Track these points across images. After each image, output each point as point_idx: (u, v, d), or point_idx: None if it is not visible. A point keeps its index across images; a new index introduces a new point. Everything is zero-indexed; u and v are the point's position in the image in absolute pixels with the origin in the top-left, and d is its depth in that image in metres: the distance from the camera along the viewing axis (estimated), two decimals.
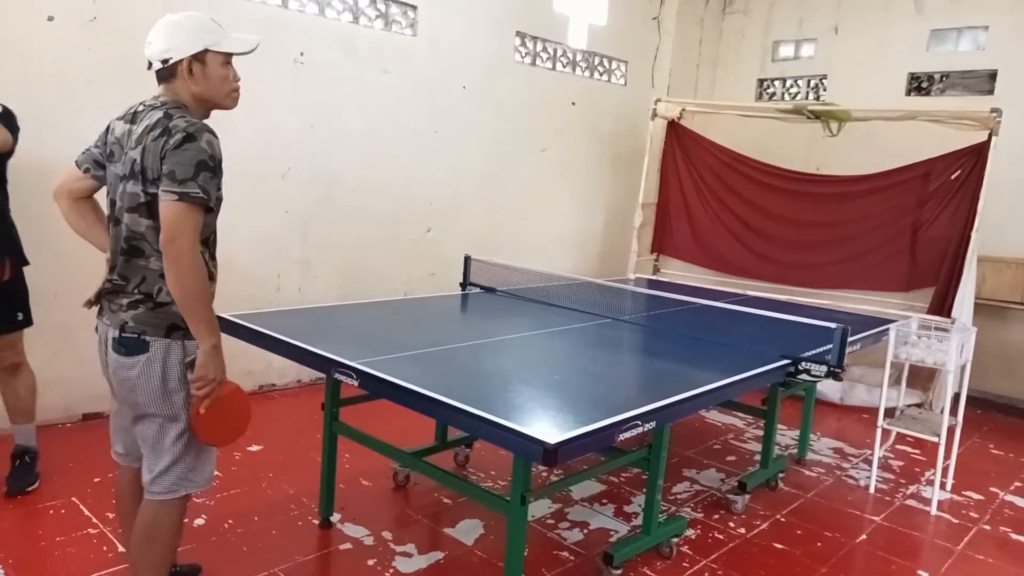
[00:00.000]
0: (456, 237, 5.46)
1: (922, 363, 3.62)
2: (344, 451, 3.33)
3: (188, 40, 2.00)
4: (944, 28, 5.85)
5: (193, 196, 1.85)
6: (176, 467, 2.06)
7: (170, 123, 1.91)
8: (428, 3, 5.06)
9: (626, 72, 6.68)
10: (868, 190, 5.30)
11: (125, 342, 1.97)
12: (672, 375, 2.85)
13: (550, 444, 1.81)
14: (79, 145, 2.27)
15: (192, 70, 2.01)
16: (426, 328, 3.29)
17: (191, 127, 1.90)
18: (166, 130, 1.90)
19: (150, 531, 2.09)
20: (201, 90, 2.03)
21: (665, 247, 6.25)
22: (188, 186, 1.84)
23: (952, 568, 3.05)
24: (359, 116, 4.83)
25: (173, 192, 1.84)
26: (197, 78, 2.02)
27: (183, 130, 1.89)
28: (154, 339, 1.97)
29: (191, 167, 1.85)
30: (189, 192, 1.84)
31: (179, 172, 1.85)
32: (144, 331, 1.97)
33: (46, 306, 3.45)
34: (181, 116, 1.94)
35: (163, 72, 2.03)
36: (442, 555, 2.84)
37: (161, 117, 1.94)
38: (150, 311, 1.98)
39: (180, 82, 2.02)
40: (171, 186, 1.84)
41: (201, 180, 1.86)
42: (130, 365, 1.98)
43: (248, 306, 3.34)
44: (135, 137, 1.97)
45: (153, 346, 1.97)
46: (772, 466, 3.69)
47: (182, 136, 1.87)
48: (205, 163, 1.88)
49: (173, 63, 2.00)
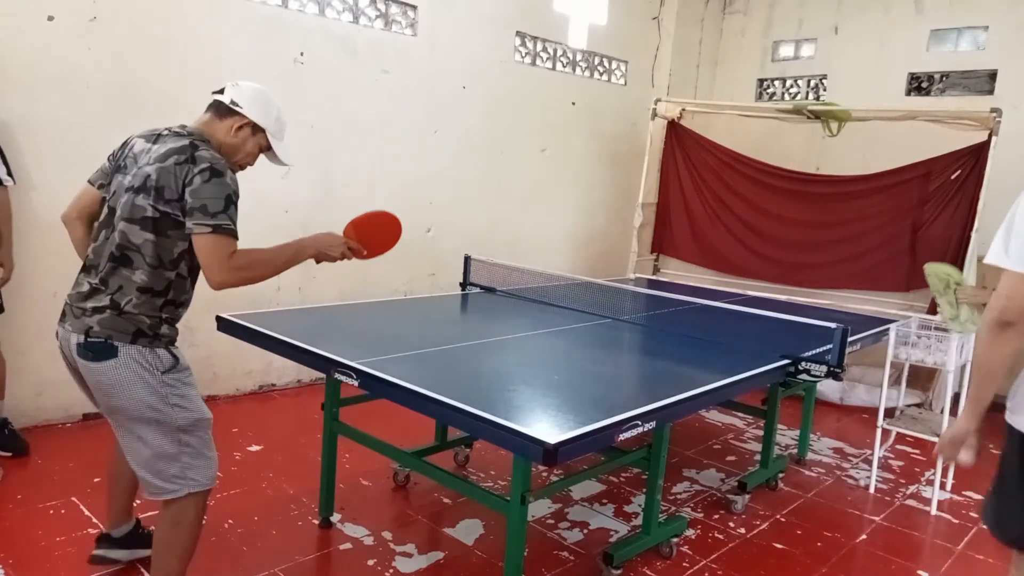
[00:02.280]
0: (456, 237, 5.46)
1: (922, 363, 3.63)
2: (344, 451, 3.33)
3: (264, 114, 2.24)
4: (944, 28, 5.85)
5: (225, 228, 2.01)
6: (168, 467, 2.08)
7: (196, 153, 2.03)
8: (428, 3, 5.05)
9: (626, 72, 6.68)
10: (868, 190, 5.30)
11: (92, 347, 2.00)
12: (672, 375, 2.85)
13: (550, 444, 1.81)
14: (79, 145, 2.29)
15: (241, 129, 2.21)
16: (426, 328, 3.29)
17: (217, 163, 2.04)
18: (191, 159, 2.02)
19: (172, 523, 2.12)
20: (231, 145, 2.22)
21: (665, 247, 6.25)
22: (220, 219, 1.99)
23: (952, 568, 3.05)
24: (359, 116, 4.83)
25: (207, 225, 1.98)
26: (238, 137, 2.22)
27: (210, 165, 2.02)
28: (121, 344, 2.01)
29: (221, 200, 2.00)
30: (221, 224, 2.00)
31: (211, 206, 1.98)
32: (110, 336, 2.01)
33: (45, 306, 3.45)
34: (207, 150, 2.07)
35: (224, 108, 2.20)
36: (442, 555, 2.84)
37: (186, 145, 2.05)
38: (115, 317, 2.02)
39: (225, 126, 2.20)
40: (204, 219, 1.98)
41: (230, 212, 2.03)
42: (101, 371, 2.01)
43: (248, 306, 3.34)
44: (153, 155, 2.05)
45: (122, 351, 2.01)
46: (772, 466, 3.69)
47: (210, 172, 2.01)
48: (231, 197, 2.03)
49: (236, 113, 2.19)
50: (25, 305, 3.57)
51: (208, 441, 2.18)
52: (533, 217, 6.11)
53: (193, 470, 2.12)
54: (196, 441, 2.12)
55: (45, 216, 3.55)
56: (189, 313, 2.22)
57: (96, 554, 2.51)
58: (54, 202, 3.65)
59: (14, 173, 3.39)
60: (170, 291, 2.08)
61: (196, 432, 2.12)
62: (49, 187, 3.60)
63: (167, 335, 2.09)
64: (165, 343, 2.08)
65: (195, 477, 2.12)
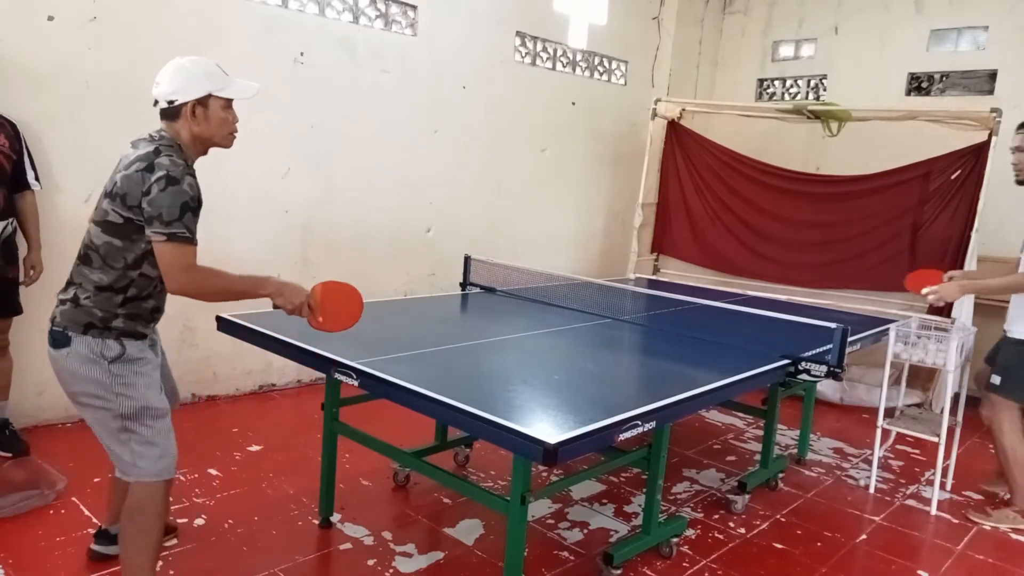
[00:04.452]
0: (456, 237, 5.46)
1: (922, 363, 3.62)
2: (344, 451, 3.33)
3: (194, 85, 2.16)
4: (944, 28, 5.85)
5: (180, 236, 2.03)
6: (122, 453, 2.15)
7: (155, 160, 2.06)
8: (428, 3, 5.05)
9: (626, 72, 6.68)
10: (868, 190, 5.30)
11: (52, 335, 2.13)
12: (672, 375, 2.85)
13: (550, 444, 1.82)
14: (78, 145, 2.29)
15: (195, 112, 2.17)
16: (426, 328, 3.28)
17: (174, 169, 2.05)
18: (150, 167, 2.04)
19: (128, 511, 2.20)
20: (201, 130, 2.20)
21: (665, 247, 6.25)
22: (175, 227, 2.02)
23: (952, 568, 3.05)
24: (359, 116, 4.83)
25: (162, 233, 2.02)
26: (199, 119, 2.18)
27: (166, 173, 2.03)
28: (74, 335, 2.10)
29: (177, 209, 2.02)
30: (176, 232, 2.02)
31: (166, 214, 2.01)
32: (66, 326, 2.12)
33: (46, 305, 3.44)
34: (168, 155, 2.08)
35: (168, 111, 2.18)
36: (442, 555, 2.84)
37: (150, 152, 2.08)
38: (73, 309, 2.12)
39: (183, 122, 2.18)
40: (160, 228, 2.01)
41: (186, 220, 2.04)
42: (55, 358, 2.13)
43: (248, 306, 3.33)
44: (124, 162, 2.14)
45: (74, 340, 2.10)
46: (772, 466, 3.69)
47: (166, 180, 2.02)
48: (188, 204, 2.04)
49: (178, 105, 2.16)
50: (25, 305, 3.57)
51: (160, 431, 2.17)
52: (533, 217, 6.11)
53: (143, 459, 2.14)
54: (144, 430, 2.14)
55: (44, 215, 3.55)
56: (189, 313, 2.23)
57: (94, 549, 2.59)
58: (53, 202, 3.68)
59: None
60: (130, 288, 2.13)
61: (143, 421, 2.14)
62: (48, 187, 3.60)
63: (120, 328, 2.13)
64: (116, 335, 2.12)
65: (142, 466, 2.14)
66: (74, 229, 2.37)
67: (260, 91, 2.29)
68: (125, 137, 2.25)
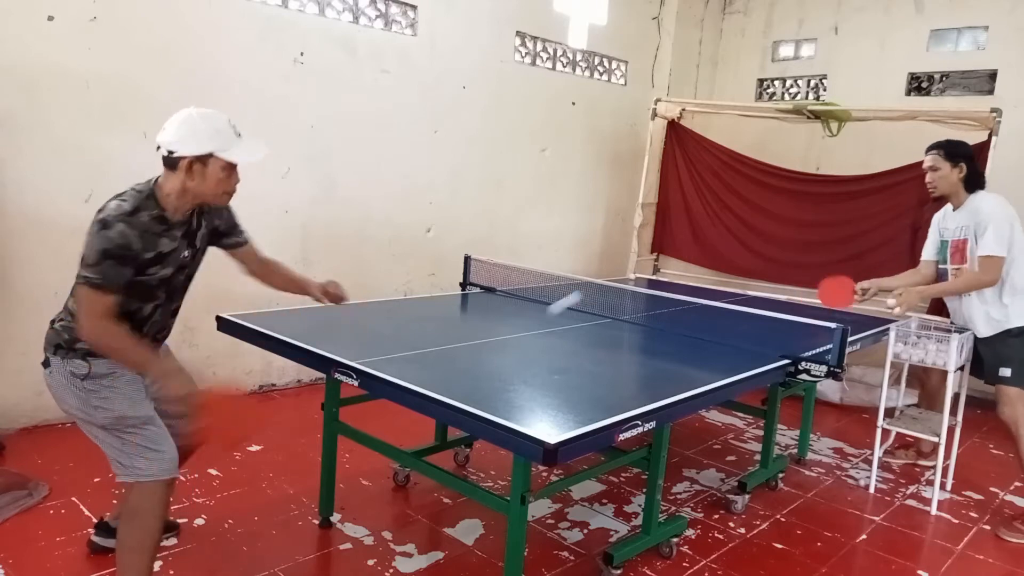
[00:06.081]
0: (456, 237, 5.46)
1: (922, 363, 3.62)
2: (344, 451, 3.33)
3: (197, 140, 2.10)
4: (944, 28, 5.85)
5: (89, 281, 2.00)
6: (117, 456, 2.18)
7: (107, 203, 2.06)
8: (428, 3, 5.05)
9: (626, 72, 6.68)
10: (868, 190, 5.30)
11: (45, 356, 2.22)
12: (672, 375, 2.85)
13: (550, 444, 1.82)
14: (79, 145, 2.29)
15: (192, 168, 2.11)
16: (426, 328, 3.28)
17: (112, 213, 2.02)
18: (101, 209, 2.06)
19: (127, 511, 2.22)
20: (195, 186, 2.14)
21: (665, 247, 6.25)
22: (88, 271, 2.01)
23: (952, 568, 3.05)
24: (359, 116, 4.82)
25: (79, 275, 2.03)
26: (195, 176, 2.13)
27: (102, 217, 2.02)
28: (50, 355, 2.19)
29: (94, 253, 2.00)
30: (89, 277, 2.00)
31: (87, 258, 2.01)
32: (46, 348, 2.21)
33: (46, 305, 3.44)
34: (121, 200, 2.07)
35: (167, 161, 2.13)
36: (442, 555, 2.84)
37: (115, 195, 2.10)
38: (50, 332, 2.21)
39: (179, 174, 2.12)
40: (80, 269, 2.03)
41: (104, 267, 1.99)
42: (45, 377, 2.22)
43: (248, 306, 3.34)
44: None
45: (52, 362, 2.19)
46: (772, 466, 3.69)
47: (98, 224, 2.01)
48: (107, 251, 1.99)
49: (177, 157, 2.10)
50: (26, 304, 3.57)
51: (150, 436, 2.17)
52: (533, 217, 6.11)
53: (136, 462, 2.15)
54: (131, 436, 2.16)
55: (44, 215, 3.55)
56: (189, 313, 2.22)
57: (94, 540, 2.63)
58: (53, 202, 3.68)
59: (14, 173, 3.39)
60: None
61: (127, 428, 2.15)
62: (48, 187, 3.60)
63: (84, 348, 2.14)
64: (81, 354, 2.14)
65: (136, 468, 2.15)
66: (74, 229, 2.36)
67: (267, 155, 2.28)
68: (125, 137, 2.26)
